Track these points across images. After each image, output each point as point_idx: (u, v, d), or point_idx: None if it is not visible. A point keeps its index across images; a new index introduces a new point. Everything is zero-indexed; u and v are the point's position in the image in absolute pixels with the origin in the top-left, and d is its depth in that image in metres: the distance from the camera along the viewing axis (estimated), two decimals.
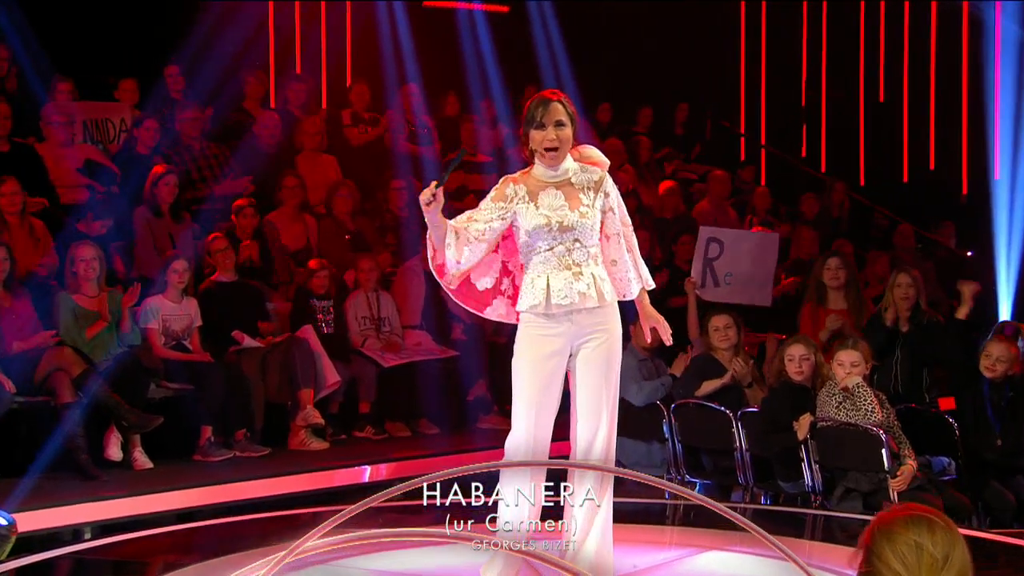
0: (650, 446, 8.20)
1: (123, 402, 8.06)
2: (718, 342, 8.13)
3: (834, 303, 8.81)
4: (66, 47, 10.72)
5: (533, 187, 5.40)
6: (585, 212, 5.35)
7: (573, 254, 5.37)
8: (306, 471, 8.51)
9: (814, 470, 7.36)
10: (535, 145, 5.36)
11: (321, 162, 10.91)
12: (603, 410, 5.42)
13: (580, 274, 5.36)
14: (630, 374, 8.16)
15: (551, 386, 5.41)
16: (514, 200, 5.40)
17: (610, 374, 5.44)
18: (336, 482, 8.60)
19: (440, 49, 11.97)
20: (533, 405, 5.39)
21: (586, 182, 5.40)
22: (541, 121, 5.33)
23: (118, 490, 7.77)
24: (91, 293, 8.47)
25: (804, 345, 7.54)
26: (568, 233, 5.35)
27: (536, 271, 5.41)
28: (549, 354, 5.39)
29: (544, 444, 5.44)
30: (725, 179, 12.79)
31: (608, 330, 5.43)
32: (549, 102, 5.37)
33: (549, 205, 5.36)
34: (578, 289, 5.34)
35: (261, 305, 9.26)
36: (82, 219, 9.13)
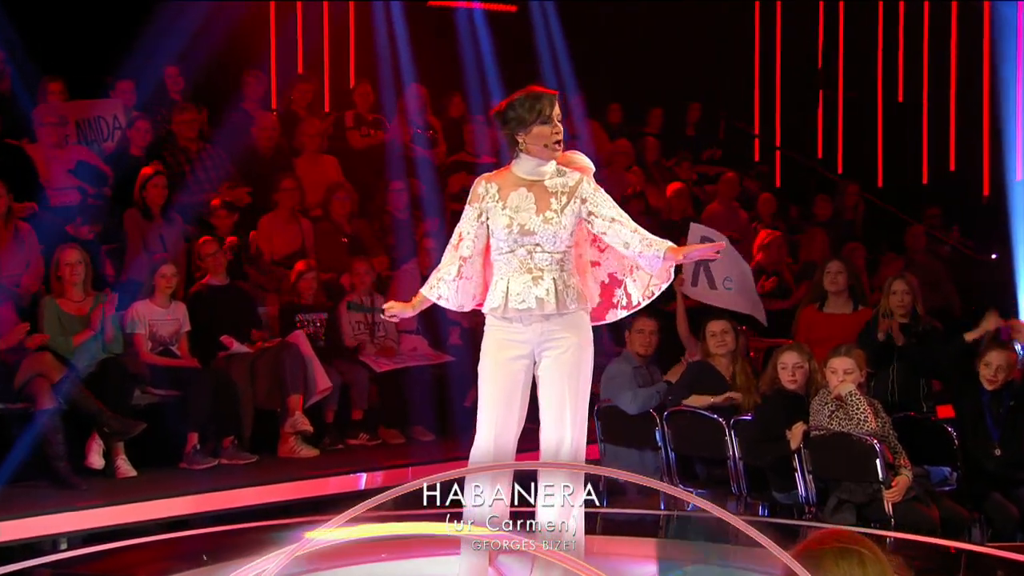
0: (643, 454, 7.99)
1: (105, 408, 7.90)
2: (715, 348, 7.89)
3: (834, 307, 8.56)
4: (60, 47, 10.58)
5: (506, 185, 5.29)
6: (550, 218, 5.19)
7: (534, 258, 5.23)
8: (294, 479, 8.34)
9: (807, 480, 7.12)
10: (542, 140, 5.23)
11: (322, 163, 10.74)
12: (566, 418, 5.26)
13: (540, 279, 5.22)
14: (625, 382, 7.97)
15: (514, 391, 5.28)
16: (485, 199, 5.31)
17: (575, 382, 5.28)
18: (326, 490, 8.42)
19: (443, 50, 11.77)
20: (496, 409, 5.28)
21: (560, 187, 5.25)
22: (550, 116, 5.22)
23: (97, 499, 7.61)
24: (76, 298, 8.31)
25: (798, 353, 7.31)
26: (528, 237, 5.21)
27: (499, 273, 5.32)
28: (512, 358, 5.26)
29: (507, 449, 5.29)
30: (735, 181, 12.57)
31: (571, 337, 5.26)
32: (554, 97, 5.29)
33: (515, 206, 5.23)
34: (536, 294, 5.20)
35: (252, 309, 9.09)
36: (71, 223, 8.97)
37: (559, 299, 5.21)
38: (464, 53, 11.63)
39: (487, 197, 5.30)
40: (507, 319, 5.26)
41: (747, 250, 11.49)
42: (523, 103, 5.23)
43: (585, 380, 5.31)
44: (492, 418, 5.26)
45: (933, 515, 6.88)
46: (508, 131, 5.27)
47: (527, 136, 5.22)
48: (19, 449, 7.62)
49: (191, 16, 11.01)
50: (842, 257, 9.01)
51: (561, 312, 5.22)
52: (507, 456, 5.26)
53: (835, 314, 8.52)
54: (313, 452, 8.69)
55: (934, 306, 11.37)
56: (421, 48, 11.68)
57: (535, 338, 5.25)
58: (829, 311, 8.56)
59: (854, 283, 8.60)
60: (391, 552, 6.35)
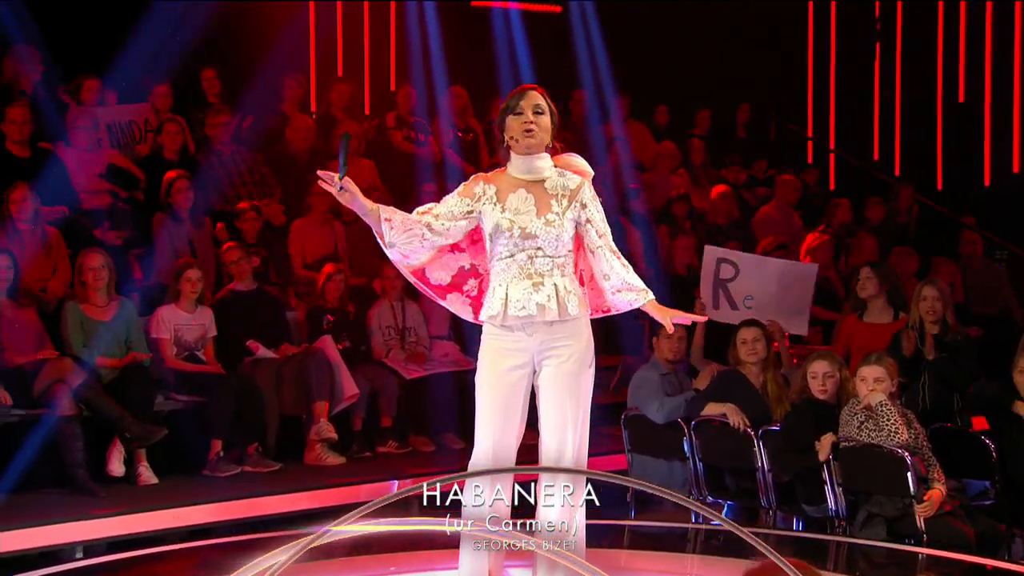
0: (671, 465, 7.77)
1: (126, 413, 7.80)
2: (746, 356, 7.65)
3: (873, 316, 8.28)
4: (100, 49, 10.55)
5: (503, 186, 5.12)
6: (552, 220, 5.01)
7: (535, 263, 5.05)
8: (319, 487, 8.21)
9: (837, 493, 6.88)
10: (512, 132, 5.07)
11: (358, 167, 10.59)
12: (567, 429, 5.07)
13: (541, 285, 5.03)
14: (652, 390, 7.76)
15: (513, 401, 5.09)
16: (481, 199, 5.13)
17: (576, 391, 5.09)
18: (353, 498, 8.27)
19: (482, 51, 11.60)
20: (494, 420, 5.10)
21: (560, 188, 5.07)
22: (518, 106, 5.05)
23: (117, 507, 7.53)
24: (99, 303, 8.24)
25: (828, 362, 7.06)
26: (530, 241, 5.03)
27: (498, 279, 5.13)
28: (510, 367, 5.08)
29: (506, 461, 5.10)
30: (792, 184, 12.29)
31: (573, 345, 5.08)
32: (526, 90, 5.11)
33: (515, 208, 5.06)
34: (536, 300, 5.01)
35: (280, 315, 8.97)
36: (98, 227, 8.91)
37: (560, 305, 5.02)
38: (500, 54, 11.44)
39: (484, 198, 5.12)
40: (507, 327, 5.08)
41: (795, 254, 11.24)
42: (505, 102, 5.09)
43: (587, 389, 5.13)
44: (490, 431, 5.09)
45: (968, 531, 6.62)
46: (498, 128, 5.12)
47: (505, 130, 5.07)
48: (26, 452, 7.53)
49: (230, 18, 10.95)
50: (874, 263, 8.71)
51: (563, 319, 5.04)
52: (506, 490, 5.06)
53: (875, 323, 8.24)
54: (340, 460, 8.55)
55: (991, 313, 11.09)
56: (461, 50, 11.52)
57: (535, 346, 5.08)
58: (869, 320, 8.28)
59: (891, 290, 8.29)
60: (399, 565, 6.23)
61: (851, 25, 14.94)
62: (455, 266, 5.26)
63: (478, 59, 11.53)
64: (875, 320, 8.28)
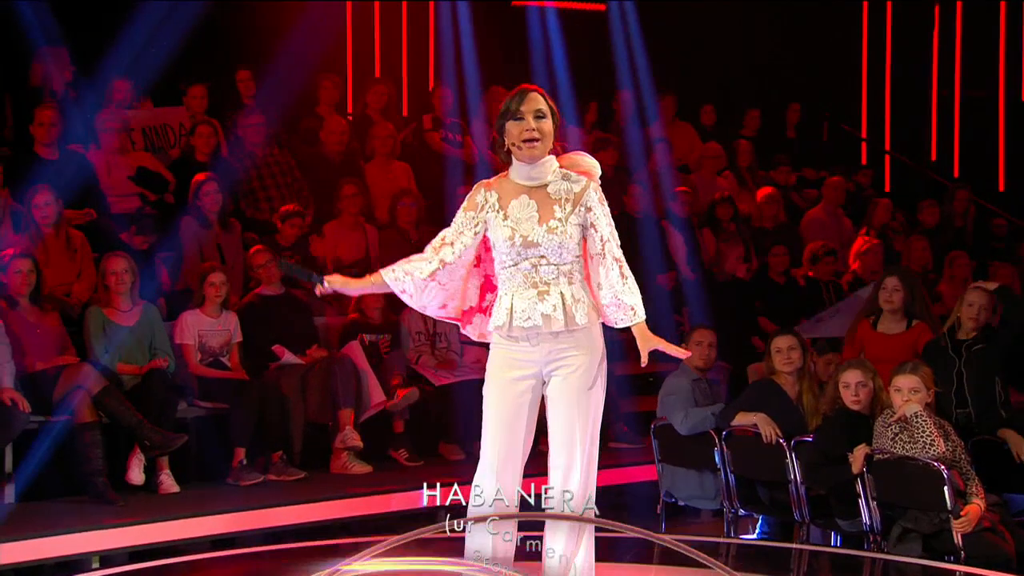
0: (702, 476, 7.57)
1: (145, 420, 7.72)
2: (781, 365, 7.44)
3: (887, 326, 8.02)
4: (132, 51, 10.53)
5: (505, 193, 4.97)
6: (555, 227, 4.86)
7: (540, 271, 4.90)
8: (345, 496, 8.10)
9: (872, 507, 6.66)
10: (512, 139, 4.91)
11: (393, 169, 10.50)
12: (575, 447, 4.94)
13: (546, 294, 4.89)
14: (680, 399, 7.57)
15: (520, 414, 4.96)
16: (484, 208, 5.01)
17: (585, 405, 4.95)
18: (378, 508, 8.17)
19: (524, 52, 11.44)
20: (500, 436, 4.97)
21: (564, 193, 4.91)
22: (518, 111, 4.88)
23: (137, 516, 7.44)
24: (123, 307, 8.18)
25: (861, 370, 6.84)
26: (533, 249, 4.88)
27: (503, 288, 5.00)
28: (517, 378, 4.95)
29: (511, 477, 4.98)
30: (840, 185, 12.05)
31: (581, 356, 4.93)
32: (526, 92, 4.94)
33: (517, 216, 4.91)
34: (542, 311, 4.88)
35: (308, 320, 8.86)
36: (125, 231, 8.85)
37: (567, 315, 4.88)
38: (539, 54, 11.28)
39: (486, 207, 4.99)
40: (513, 338, 4.94)
41: (844, 259, 11.02)
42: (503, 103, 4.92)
43: (596, 402, 4.99)
44: (495, 449, 4.96)
45: (1009, 548, 6.39)
46: (497, 133, 4.97)
47: (505, 135, 4.91)
48: (35, 459, 7.46)
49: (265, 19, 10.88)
50: (901, 271, 8.45)
51: (570, 329, 4.89)
52: (510, 486, 4.96)
53: (887, 333, 7.98)
54: (366, 468, 8.43)
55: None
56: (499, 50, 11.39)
57: (542, 358, 4.94)
58: (883, 329, 8.02)
59: (911, 301, 8.02)
60: None
61: (907, 22, 14.63)
62: (475, 281, 5.15)
63: (517, 59, 11.38)
64: (889, 329, 8.00)
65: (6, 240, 8.41)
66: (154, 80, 10.48)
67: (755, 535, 7.60)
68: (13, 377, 7.61)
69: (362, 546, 7.53)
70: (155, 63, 10.04)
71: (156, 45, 10.08)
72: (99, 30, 10.08)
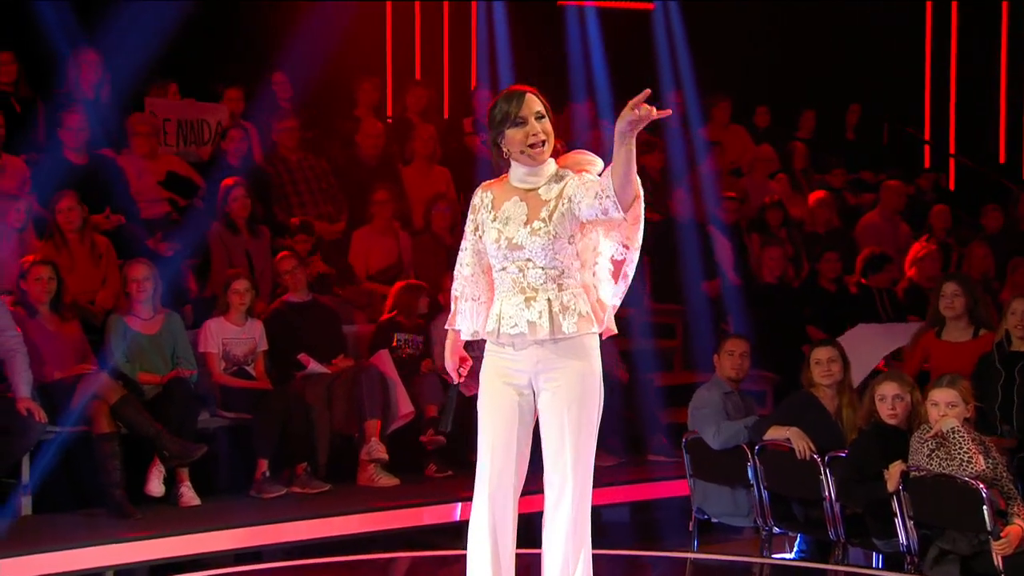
0: (735, 492, 7.36)
1: (164, 430, 7.64)
2: (820, 378, 7.21)
3: (952, 334, 7.78)
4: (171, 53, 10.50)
5: (501, 194, 4.84)
6: (538, 228, 4.70)
7: (527, 276, 4.76)
8: (370, 510, 7.99)
9: (908, 527, 6.42)
10: (517, 146, 4.74)
11: (432, 173, 10.38)
12: (567, 461, 4.77)
13: (533, 300, 4.74)
14: (712, 412, 7.37)
15: (512, 424, 4.85)
16: (480, 210, 4.88)
17: (576, 418, 4.78)
18: (405, 522, 8.05)
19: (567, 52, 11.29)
20: (494, 450, 4.87)
21: (554, 195, 4.73)
22: (519, 116, 4.71)
23: (155, 529, 7.38)
24: (145, 316, 8.11)
25: (897, 383, 6.59)
26: (518, 252, 4.74)
27: (496, 292, 4.87)
28: (510, 387, 4.84)
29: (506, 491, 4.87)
30: (899, 190, 11.78)
31: (571, 366, 4.76)
32: (523, 94, 4.77)
33: (505, 218, 4.78)
34: (527, 318, 4.73)
35: (336, 328, 8.76)
36: (151, 237, 8.80)
37: (553, 323, 4.71)
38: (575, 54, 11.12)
39: (481, 208, 4.87)
40: (502, 344, 4.79)
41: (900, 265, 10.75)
42: (495, 106, 4.78)
43: (588, 416, 4.80)
44: (488, 466, 4.85)
45: None
46: (491, 139, 4.81)
47: (505, 142, 4.75)
48: (39, 469, 7.40)
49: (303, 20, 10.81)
50: (960, 276, 8.19)
51: (556, 338, 4.71)
52: (504, 502, 4.85)
53: (955, 342, 7.74)
54: (393, 481, 8.30)
55: None
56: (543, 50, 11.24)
57: (531, 367, 4.79)
58: (948, 338, 7.78)
59: (974, 306, 7.77)
60: None
61: (973, 19, 14.29)
62: None
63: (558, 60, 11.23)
64: (955, 338, 7.78)
65: (30, 246, 8.40)
66: (191, 81, 10.50)
67: (792, 555, 7.39)
68: (30, 386, 7.56)
69: (389, 562, 7.52)
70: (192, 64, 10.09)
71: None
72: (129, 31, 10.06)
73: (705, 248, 10.15)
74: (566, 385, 4.74)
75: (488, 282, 4.93)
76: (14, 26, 9.81)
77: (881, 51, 13.80)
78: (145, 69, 9.93)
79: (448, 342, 5.08)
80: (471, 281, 4.94)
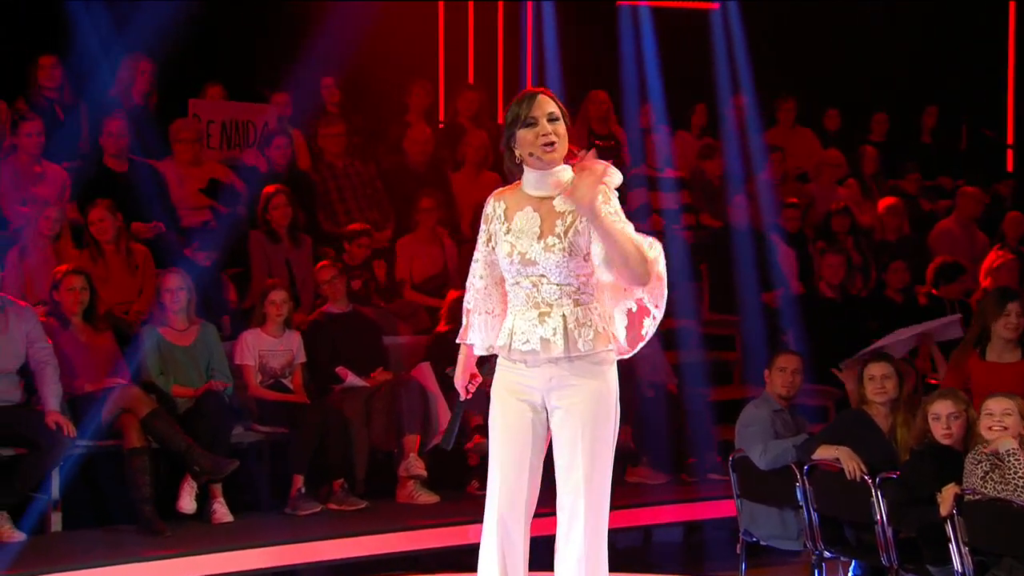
0: (783, 514, 7.16)
1: (195, 445, 7.59)
2: (873, 395, 7.00)
3: (997, 354, 7.50)
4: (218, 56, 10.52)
5: (513, 204, 4.73)
6: (552, 244, 4.58)
7: (541, 291, 4.64)
8: (409, 528, 7.90)
9: (963, 554, 6.19)
10: (528, 147, 4.64)
11: (482, 180, 10.27)
12: (579, 491, 4.64)
13: (547, 316, 4.62)
14: (760, 430, 7.18)
15: (525, 440, 4.72)
16: (492, 220, 4.78)
17: (591, 440, 4.65)
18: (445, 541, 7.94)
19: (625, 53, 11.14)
20: (505, 469, 4.75)
21: (569, 207, 4.60)
22: (530, 117, 4.61)
23: (185, 546, 7.35)
24: (179, 327, 8.09)
25: (953, 401, 6.38)
26: (531, 267, 4.63)
27: (509, 306, 4.77)
28: (522, 404, 4.71)
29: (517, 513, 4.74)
30: (977, 196, 11.49)
31: (586, 385, 4.63)
32: (535, 95, 4.68)
33: (518, 230, 4.67)
34: (541, 335, 4.62)
35: (376, 339, 8.67)
36: (188, 246, 8.77)
37: (568, 340, 4.59)
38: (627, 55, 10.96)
39: (494, 218, 4.76)
40: (514, 360, 4.69)
41: (975, 275, 10.47)
42: (508, 110, 4.67)
43: (603, 436, 4.67)
44: (498, 486, 4.74)
45: None
46: (505, 144, 4.69)
47: (516, 144, 4.63)
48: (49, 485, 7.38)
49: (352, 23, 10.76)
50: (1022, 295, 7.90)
51: (571, 355, 4.58)
52: (517, 522, 4.72)
53: (1001, 363, 7.47)
54: (433, 498, 8.20)
55: None
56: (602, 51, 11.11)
57: (543, 384, 4.67)
58: (993, 359, 7.51)
59: None
60: None
61: None
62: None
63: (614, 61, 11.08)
64: (1003, 359, 7.50)
65: (65, 255, 8.40)
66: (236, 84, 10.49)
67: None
68: (59, 399, 7.55)
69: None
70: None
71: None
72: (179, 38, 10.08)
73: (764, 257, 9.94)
74: (581, 404, 4.63)
75: (502, 294, 4.83)
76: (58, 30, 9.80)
77: (960, 49, 13.47)
78: (188, 73, 9.96)
79: (460, 357, 4.99)
80: (484, 294, 4.85)
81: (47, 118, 9.24)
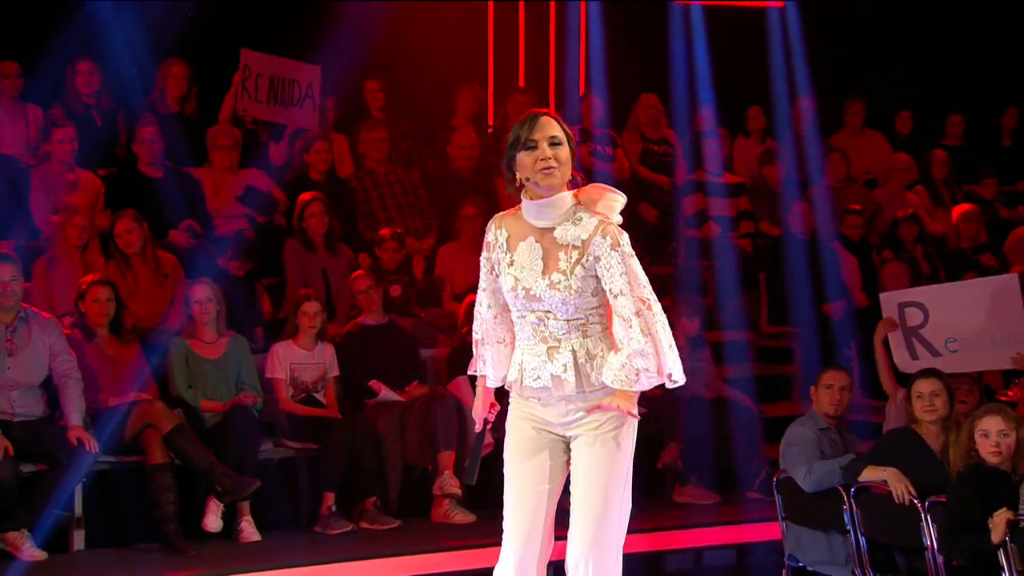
0: (830, 538, 6.95)
1: (217, 463, 7.52)
2: (922, 413, 6.80)
3: None
4: None
5: (515, 233, 4.60)
6: (557, 282, 4.47)
7: (548, 325, 4.55)
8: (443, 549, 7.78)
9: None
10: (526, 171, 4.53)
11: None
12: (589, 529, 4.55)
13: (556, 351, 4.52)
14: (805, 450, 6.98)
15: (539, 476, 4.65)
16: (495, 248, 4.66)
17: (606, 479, 4.55)
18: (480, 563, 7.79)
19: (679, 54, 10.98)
20: (519, 496, 4.68)
21: (572, 239, 4.49)
22: (530, 139, 4.50)
23: (209, 566, 7.29)
24: (208, 338, 8.04)
25: (1002, 417, 6.18)
26: (536, 303, 4.52)
27: (517, 339, 4.68)
28: (534, 439, 4.65)
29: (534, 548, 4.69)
30: None
31: (603, 422, 4.52)
32: (537, 117, 4.57)
33: (521, 263, 4.56)
34: (551, 371, 4.52)
35: (413, 352, 8.57)
36: (222, 255, 8.72)
37: (580, 375, 4.49)
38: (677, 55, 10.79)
39: (496, 247, 4.65)
40: (526, 397, 4.63)
41: None
42: (511, 131, 4.57)
43: (621, 467, 4.57)
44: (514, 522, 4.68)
45: None
46: (505, 166, 4.59)
47: (516, 167, 4.53)
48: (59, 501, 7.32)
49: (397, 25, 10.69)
50: None
51: (585, 391, 4.50)
52: (531, 559, 4.68)
53: None
54: (470, 518, 8.09)
55: None
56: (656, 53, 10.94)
57: (559, 420, 4.59)
58: None
59: None
60: None
61: None
62: None
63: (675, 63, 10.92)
64: None
65: (94, 265, 8.38)
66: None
67: None
68: (82, 414, 7.53)
69: None
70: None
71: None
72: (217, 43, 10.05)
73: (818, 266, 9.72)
74: (596, 443, 4.54)
75: (511, 322, 4.73)
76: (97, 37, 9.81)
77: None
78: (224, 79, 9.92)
79: (477, 388, 4.91)
80: (493, 324, 4.76)
81: (84, 125, 9.25)
